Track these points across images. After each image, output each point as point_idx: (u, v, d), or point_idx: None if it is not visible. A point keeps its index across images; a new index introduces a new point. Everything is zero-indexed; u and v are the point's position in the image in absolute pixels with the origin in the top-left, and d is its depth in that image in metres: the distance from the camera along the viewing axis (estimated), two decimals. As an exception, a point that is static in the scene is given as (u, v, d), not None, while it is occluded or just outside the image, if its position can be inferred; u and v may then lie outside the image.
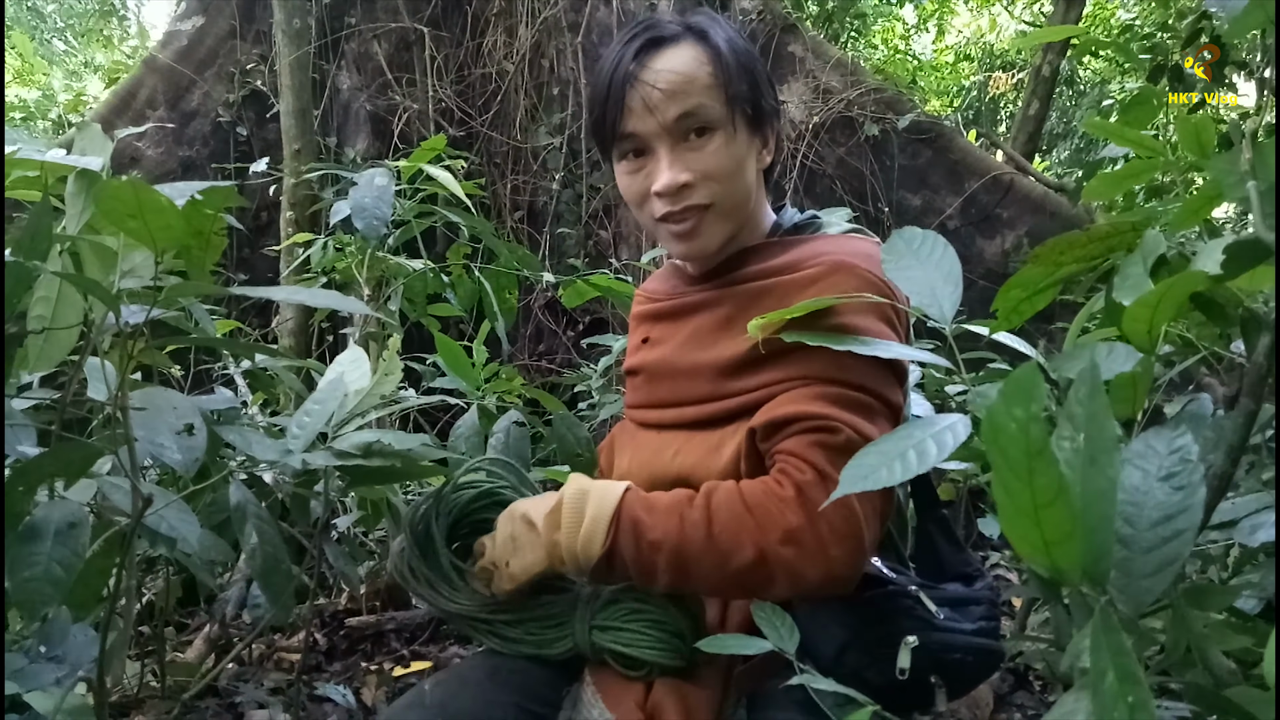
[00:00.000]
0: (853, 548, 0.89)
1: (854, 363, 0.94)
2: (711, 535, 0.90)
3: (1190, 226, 1.08)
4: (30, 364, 0.95)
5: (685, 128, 1.01)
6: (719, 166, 1.02)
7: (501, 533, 1.00)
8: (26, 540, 0.76)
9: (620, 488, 0.95)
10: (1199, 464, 0.66)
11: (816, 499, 0.87)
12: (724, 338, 1.04)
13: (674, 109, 1.00)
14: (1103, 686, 0.56)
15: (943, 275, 0.87)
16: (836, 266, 1.01)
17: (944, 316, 0.84)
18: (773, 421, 0.94)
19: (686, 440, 1.06)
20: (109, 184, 0.70)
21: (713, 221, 1.05)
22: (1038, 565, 0.60)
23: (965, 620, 0.99)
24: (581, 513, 0.93)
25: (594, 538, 0.92)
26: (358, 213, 1.93)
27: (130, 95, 3.81)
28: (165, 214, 0.70)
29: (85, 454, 0.85)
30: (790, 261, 1.05)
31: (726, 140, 1.02)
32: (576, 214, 3.97)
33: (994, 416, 0.56)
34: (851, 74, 3.72)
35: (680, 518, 0.91)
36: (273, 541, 1.05)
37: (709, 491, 0.94)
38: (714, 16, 1.09)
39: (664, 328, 1.16)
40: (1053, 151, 8.15)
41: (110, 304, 0.77)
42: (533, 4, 3.93)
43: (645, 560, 0.92)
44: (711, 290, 1.11)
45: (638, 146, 1.04)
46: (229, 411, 1.50)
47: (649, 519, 0.92)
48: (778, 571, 0.88)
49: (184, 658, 1.81)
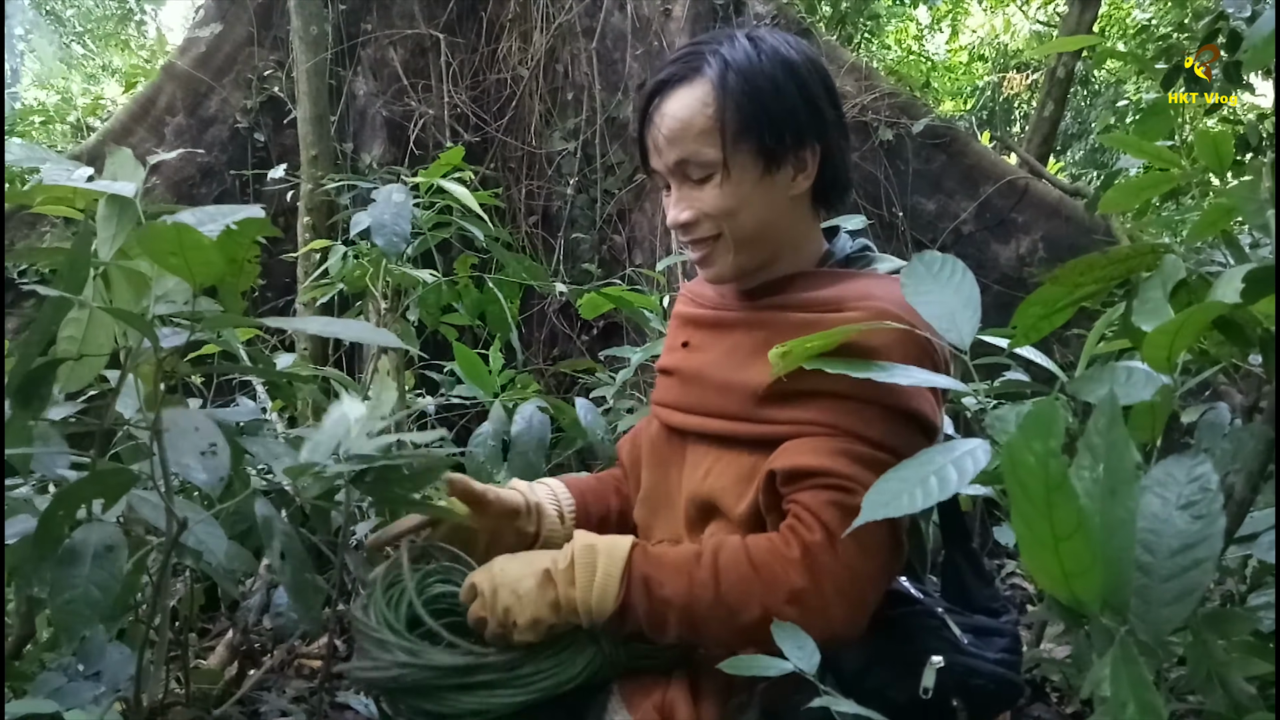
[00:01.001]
0: (854, 608, 0.93)
1: (880, 420, 0.97)
2: (719, 594, 0.93)
3: (1209, 236, 1.08)
4: (61, 385, 0.97)
5: (684, 172, 1.06)
6: (717, 207, 1.05)
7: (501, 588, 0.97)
8: (66, 563, 0.78)
9: (626, 544, 0.97)
10: (1218, 493, 0.66)
11: (822, 561, 0.91)
12: (759, 362, 1.05)
13: (672, 155, 1.05)
14: (1124, 716, 0.57)
15: (962, 300, 0.88)
16: (879, 316, 1.01)
17: (963, 341, 0.86)
18: (795, 471, 0.96)
19: (716, 460, 1.08)
20: (152, 225, 0.72)
21: (724, 252, 1.09)
22: (1058, 595, 0.61)
23: (989, 649, 1.01)
24: (593, 568, 0.95)
25: (607, 593, 0.94)
26: (378, 230, 1.97)
27: (149, 101, 3.84)
28: (205, 251, 0.72)
29: (123, 479, 0.87)
30: (835, 297, 1.06)
31: (724, 181, 1.04)
32: (591, 219, 3.98)
33: (1013, 450, 0.57)
34: (865, 78, 3.71)
35: (689, 576, 0.94)
36: (300, 556, 1.07)
37: (715, 550, 0.96)
38: (743, 40, 1.06)
39: (705, 335, 1.18)
40: (1067, 152, 8.11)
41: (147, 333, 0.79)
42: (547, 10, 3.94)
43: (657, 615, 0.95)
44: (755, 310, 1.13)
45: (662, 181, 1.11)
46: (253, 423, 1.52)
47: (658, 575, 0.95)
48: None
49: (207, 665, 1.84)
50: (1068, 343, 2.84)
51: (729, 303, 1.18)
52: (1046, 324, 0.95)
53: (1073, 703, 1.65)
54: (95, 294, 0.90)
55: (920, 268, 0.94)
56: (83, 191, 0.94)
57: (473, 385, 2.16)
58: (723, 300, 1.19)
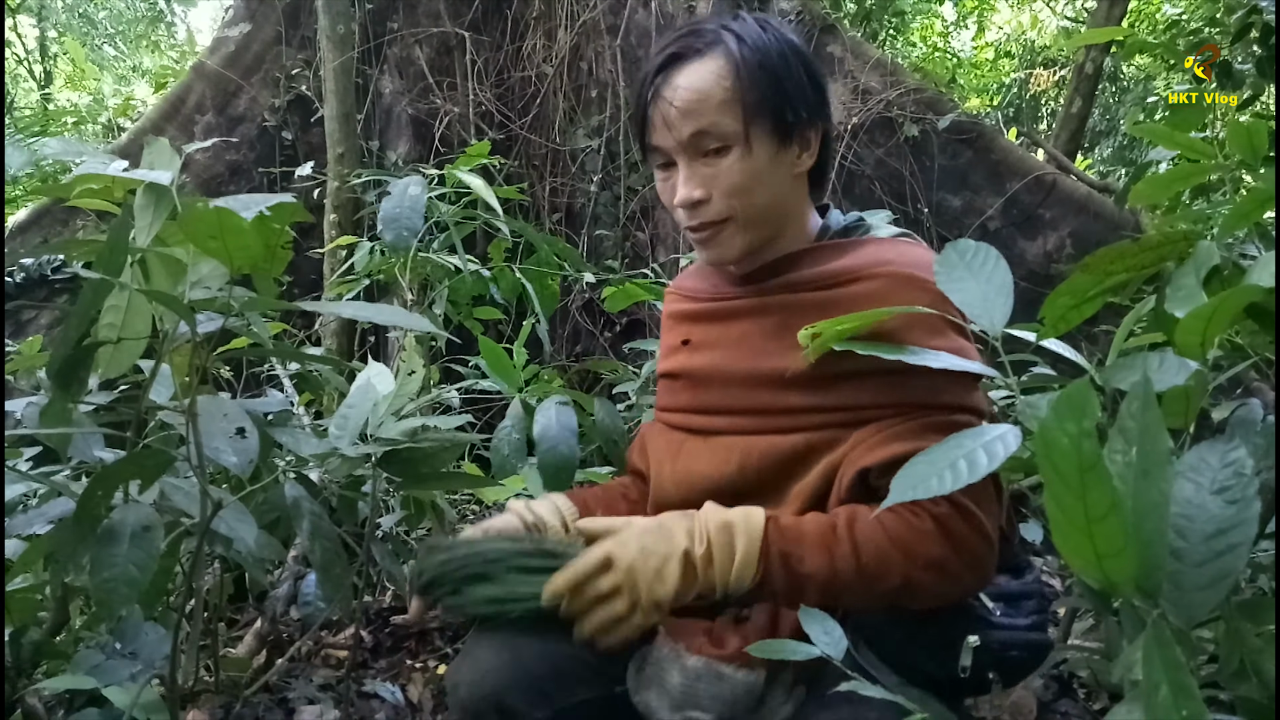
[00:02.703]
0: (986, 568, 0.96)
1: (946, 384, 0.96)
2: (860, 567, 0.93)
3: (1241, 229, 1.07)
4: (101, 370, 0.99)
5: (700, 145, 1.03)
6: (733, 183, 1.03)
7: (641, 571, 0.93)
8: (105, 542, 0.80)
9: (760, 519, 0.95)
10: (1253, 478, 0.65)
11: (955, 529, 0.92)
12: (780, 347, 1.04)
13: (688, 127, 1.02)
14: (1156, 700, 0.56)
15: (995, 288, 0.88)
16: (904, 281, 1.01)
17: (995, 329, 0.85)
18: (892, 461, 0.93)
19: (747, 451, 1.06)
20: (193, 209, 0.73)
21: (732, 233, 1.06)
22: (1090, 578, 0.60)
23: (1019, 615, 1.02)
24: (732, 549, 0.93)
25: (745, 574, 0.93)
26: (388, 223, 1.90)
27: (180, 100, 3.90)
28: (244, 235, 0.73)
29: (160, 460, 0.89)
30: (846, 269, 1.05)
31: (742, 156, 1.02)
32: (614, 216, 3.99)
33: (1046, 432, 0.57)
34: (891, 74, 3.70)
35: (829, 552, 0.94)
36: (329, 535, 1.08)
37: (850, 522, 0.95)
38: (751, 20, 1.07)
39: (706, 330, 1.15)
40: (1095, 149, 8.02)
41: (185, 316, 0.80)
42: (572, 7, 3.96)
43: (795, 589, 0.94)
44: (759, 295, 1.11)
45: (664, 159, 1.07)
46: (281, 414, 1.55)
47: (797, 551, 0.94)
48: (920, 594, 0.93)
49: (235, 653, 1.86)
50: (1095, 339, 2.81)
51: (727, 291, 1.15)
52: (1076, 314, 0.94)
53: (1100, 699, 1.63)
54: (133, 281, 0.92)
55: (954, 255, 0.93)
56: (121, 181, 0.96)
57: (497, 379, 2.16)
58: (718, 290, 1.16)
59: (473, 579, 1.02)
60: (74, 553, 0.89)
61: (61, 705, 1.23)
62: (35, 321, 3.46)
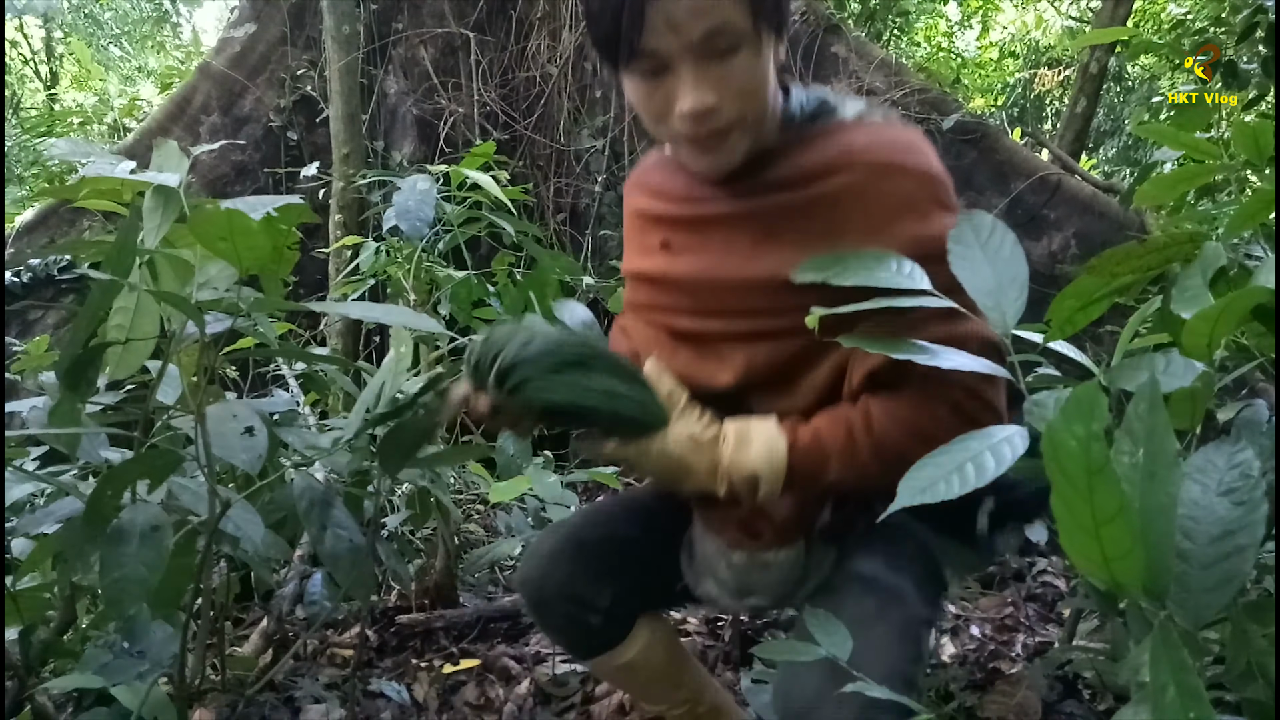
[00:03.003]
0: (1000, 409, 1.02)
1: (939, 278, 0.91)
2: (883, 465, 0.97)
3: (1247, 230, 1.07)
4: (109, 371, 0.99)
5: (713, 45, 0.92)
6: (746, 84, 0.95)
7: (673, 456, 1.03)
8: (114, 542, 0.80)
9: (783, 453, 1.01)
10: (1260, 479, 0.66)
11: (969, 410, 0.98)
12: (768, 252, 1.01)
13: (699, 26, 0.91)
14: (1163, 701, 0.56)
15: (1010, 277, 0.86)
16: (883, 170, 0.98)
17: (1005, 324, 0.84)
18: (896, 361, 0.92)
19: (750, 358, 1.04)
20: (202, 210, 0.73)
21: (738, 138, 0.99)
22: (1097, 580, 0.60)
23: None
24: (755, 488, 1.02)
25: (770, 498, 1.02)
26: (401, 215, 1.98)
27: (185, 101, 3.90)
28: (253, 236, 0.73)
29: (169, 459, 0.89)
30: (818, 164, 1.01)
31: (753, 54, 0.94)
32: (618, 216, 3.99)
33: (1054, 434, 0.57)
34: (895, 74, 3.69)
35: (852, 458, 1.00)
36: (342, 524, 1.09)
37: (867, 425, 1.00)
38: None
39: (687, 236, 1.10)
40: (1100, 149, 8.00)
41: (194, 317, 0.81)
42: (576, 7, 3.96)
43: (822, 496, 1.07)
44: (736, 199, 1.05)
45: (654, 64, 0.95)
46: (287, 414, 1.55)
47: (822, 468, 1.01)
48: None
49: (241, 652, 1.87)
50: (1100, 340, 2.81)
51: (699, 192, 1.09)
52: (1082, 316, 0.94)
53: (1105, 700, 1.63)
54: (141, 282, 0.92)
55: (969, 231, 0.90)
56: (130, 183, 0.96)
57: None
58: (691, 190, 1.10)
59: (568, 365, 0.93)
60: (83, 552, 0.89)
61: (70, 703, 1.24)
62: (42, 321, 3.47)
